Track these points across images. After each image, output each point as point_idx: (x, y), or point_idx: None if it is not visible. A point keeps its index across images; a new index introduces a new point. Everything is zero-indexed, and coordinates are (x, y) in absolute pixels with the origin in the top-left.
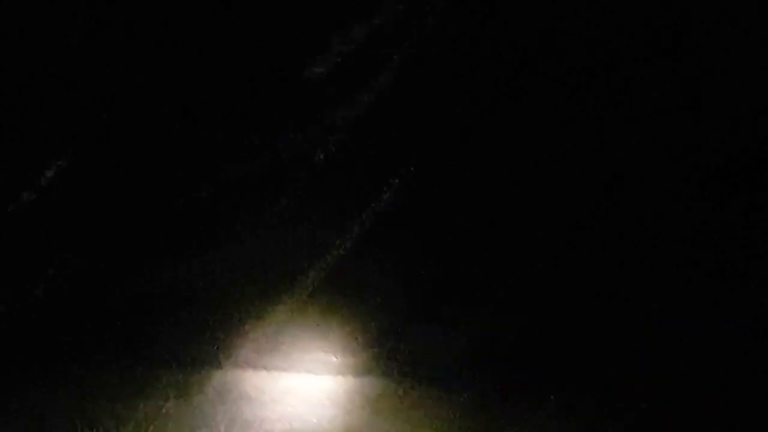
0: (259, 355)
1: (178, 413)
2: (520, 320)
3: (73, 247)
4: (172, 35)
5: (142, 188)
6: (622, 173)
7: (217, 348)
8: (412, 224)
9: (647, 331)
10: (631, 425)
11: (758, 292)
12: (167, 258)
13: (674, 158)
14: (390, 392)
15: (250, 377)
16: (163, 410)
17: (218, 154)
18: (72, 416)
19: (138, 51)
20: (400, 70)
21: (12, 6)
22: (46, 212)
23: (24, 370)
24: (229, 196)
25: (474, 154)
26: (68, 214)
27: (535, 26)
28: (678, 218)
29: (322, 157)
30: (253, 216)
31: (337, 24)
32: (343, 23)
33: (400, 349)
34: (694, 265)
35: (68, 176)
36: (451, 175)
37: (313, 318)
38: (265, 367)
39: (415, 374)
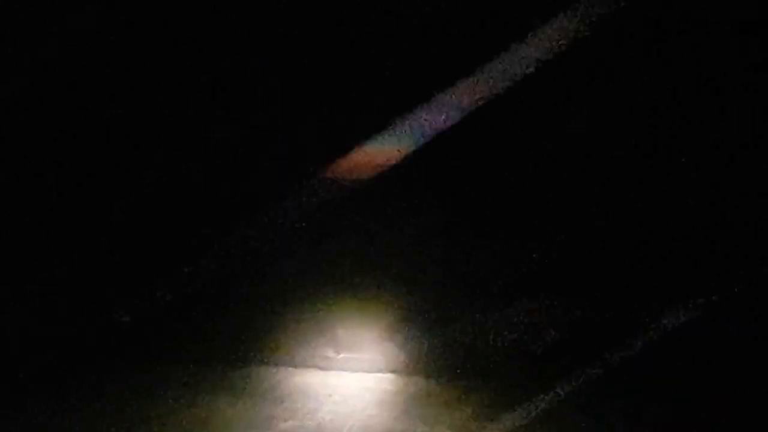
0: (285, 354)
1: (219, 412)
2: (521, 318)
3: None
4: None
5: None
6: (623, 173)
7: (253, 347)
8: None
9: (648, 331)
10: (645, 421)
11: (759, 291)
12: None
13: (674, 158)
14: (406, 389)
15: (275, 375)
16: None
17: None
18: (113, 416)
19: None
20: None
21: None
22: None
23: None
24: (279, 208)
25: (474, 154)
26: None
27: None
28: (678, 217)
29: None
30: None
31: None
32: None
33: (419, 347)
34: (695, 265)
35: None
36: (451, 175)
37: (329, 315)
38: (286, 365)
39: (432, 371)
